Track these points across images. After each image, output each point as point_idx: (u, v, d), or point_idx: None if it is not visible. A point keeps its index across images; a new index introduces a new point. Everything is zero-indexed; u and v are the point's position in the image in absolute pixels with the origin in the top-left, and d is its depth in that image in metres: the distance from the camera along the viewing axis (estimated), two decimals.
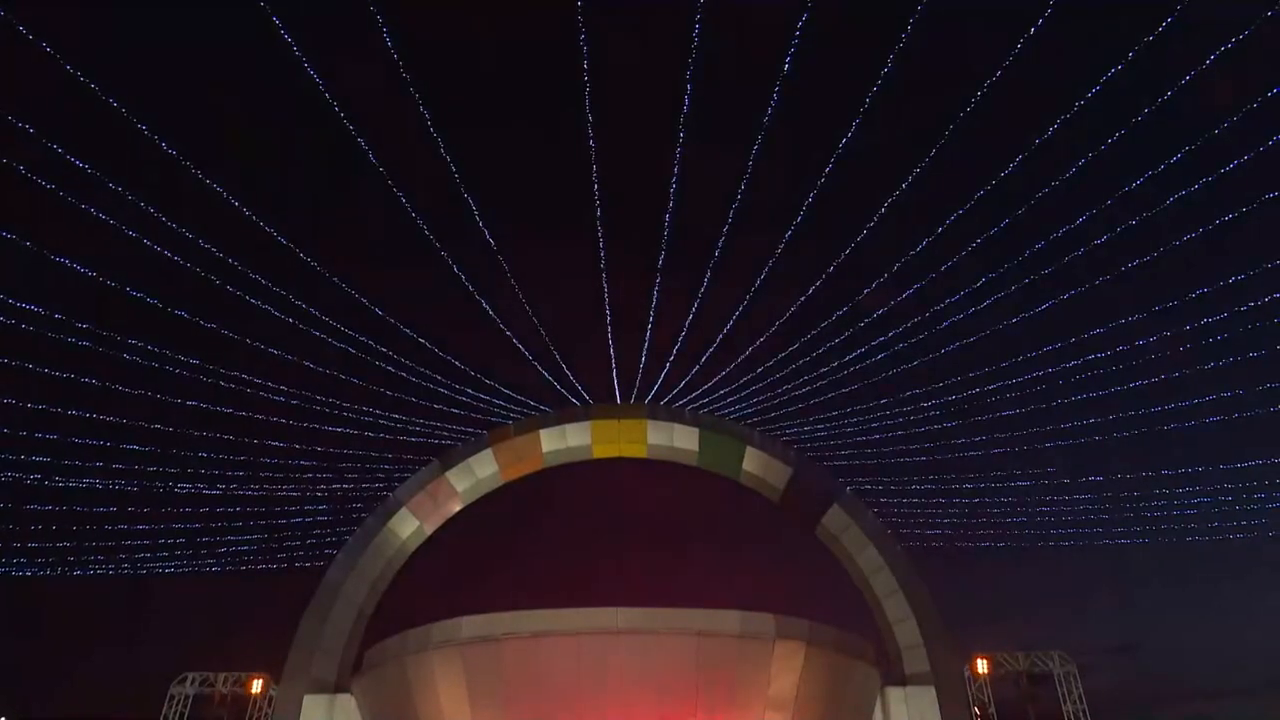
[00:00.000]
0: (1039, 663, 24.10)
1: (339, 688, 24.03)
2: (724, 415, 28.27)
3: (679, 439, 27.87)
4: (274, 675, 23.90)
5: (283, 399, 25.82)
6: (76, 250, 19.89)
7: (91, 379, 23.36)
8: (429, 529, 27.52)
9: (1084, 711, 23.30)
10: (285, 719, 23.33)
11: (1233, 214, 20.54)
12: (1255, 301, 21.89)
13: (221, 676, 23.60)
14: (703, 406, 28.17)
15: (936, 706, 23.52)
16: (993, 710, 23.40)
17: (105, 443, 25.08)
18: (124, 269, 20.82)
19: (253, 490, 27.63)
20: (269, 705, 23.46)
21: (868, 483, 28.58)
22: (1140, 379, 24.76)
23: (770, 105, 19.93)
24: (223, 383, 25.16)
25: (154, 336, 23.06)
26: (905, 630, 24.94)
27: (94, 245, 20.26)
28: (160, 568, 28.27)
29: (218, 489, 27.33)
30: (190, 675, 23.66)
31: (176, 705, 23.14)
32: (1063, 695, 23.62)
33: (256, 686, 23.40)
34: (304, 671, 24.04)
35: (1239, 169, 19.04)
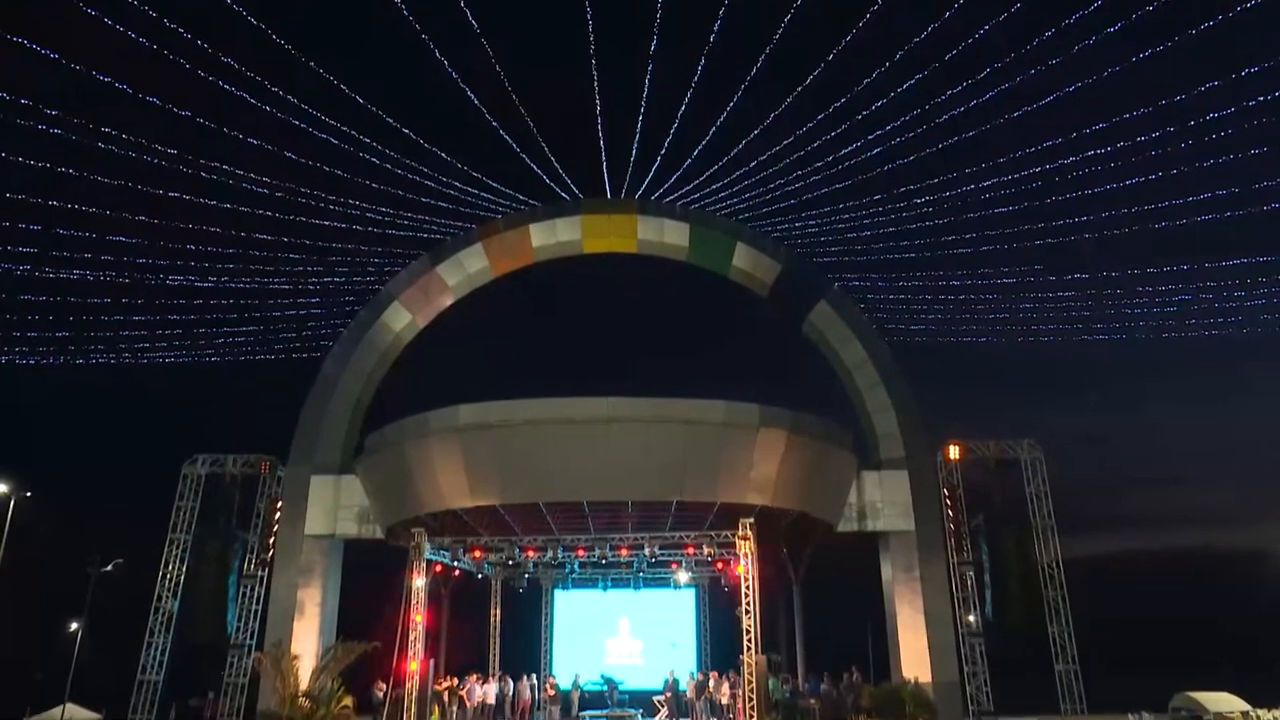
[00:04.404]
0: (1008, 450, 25.41)
1: (343, 470, 25.28)
2: (715, 211, 28.02)
3: (669, 234, 27.79)
4: (281, 457, 25.02)
5: (266, 191, 25.39)
6: (44, 35, 18.88)
7: (68, 168, 22.85)
8: (421, 322, 27.91)
9: (1047, 494, 24.86)
10: (294, 498, 24.72)
11: (1240, 7, 19.62)
12: (1263, 97, 21.31)
13: (231, 459, 24.69)
14: (693, 202, 27.86)
15: (908, 488, 25.01)
16: (961, 493, 24.88)
17: (90, 234, 24.88)
18: (90, 51, 19.85)
19: (244, 283, 27.71)
20: (278, 485, 24.72)
21: (855, 279, 28.82)
22: (1136, 176, 24.50)
23: None
24: (204, 174, 24.65)
25: (128, 125, 22.35)
26: (884, 420, 26.04)
27: (60, 29, 19.21)
28: (160, 358, 28.81)
29: (209, 281, 27.41)
30: (200, 457, 24.74)
31: (190, 484, 24.33)
32: (1027, 479, 25.10)
33: (265, 468, 24.53)
34: (308, 456, 25.20)
35: None
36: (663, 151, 26.02)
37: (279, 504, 24.54)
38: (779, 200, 27.22)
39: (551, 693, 25.93)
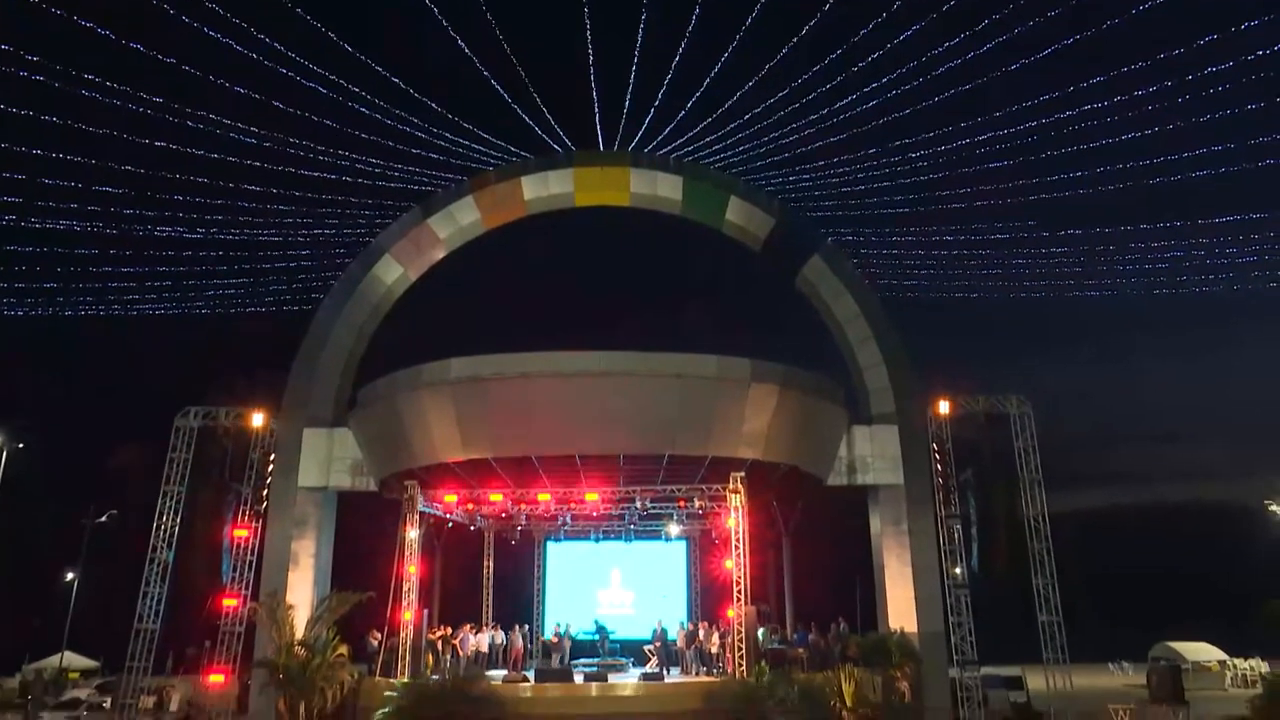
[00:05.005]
0: (998, 404, 25.52)
1: (336, 422, 25.32)
2: (709, 164, 27.77)
3: (662, 188, 27.58)
4: (274, 410, 25.02)
5: (255, 141, 25.07)
6: None
7: (52, 116, 22.51)
8: (413, 275, 27.75)
9: (1035, 449, 25.03)
10: (287, 450, 24.79)
11: None
12: (1262, 51, 21.08)
13: (223, 411, 24.68)
14: (687, 155, 27.60)
15: (898, 442, 25.20)
16: (950, 447, 25.03)
17: (75, 184, 24.60)
18: None
19: (233, 234, 27.49)
20: (271, 438, 24.75)
21: (849, 234, 28.70)
22: (1133, 131, 24.32)
23: None
24: (190, 123, 24.31)
25: (114, 73, 21.97)
26: (875, 375, 26.14)
27: None
28: (150, 309, 28.67)
29: (198, 233, 27.18)
30: (192, 409, 24.69)
31: (183, 437, 24.34)
32: (1016, 434, 25.25)
33: (258, 420, 24.55)
34: (301, 409, 25.22)
35: None
36: (656, 104, 25.74)
37: (272, 456, 24.60)
38: (773, 154, 27.00)
39: (555, 639, 26.29)
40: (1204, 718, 22.85)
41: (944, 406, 25.08)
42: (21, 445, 32.01)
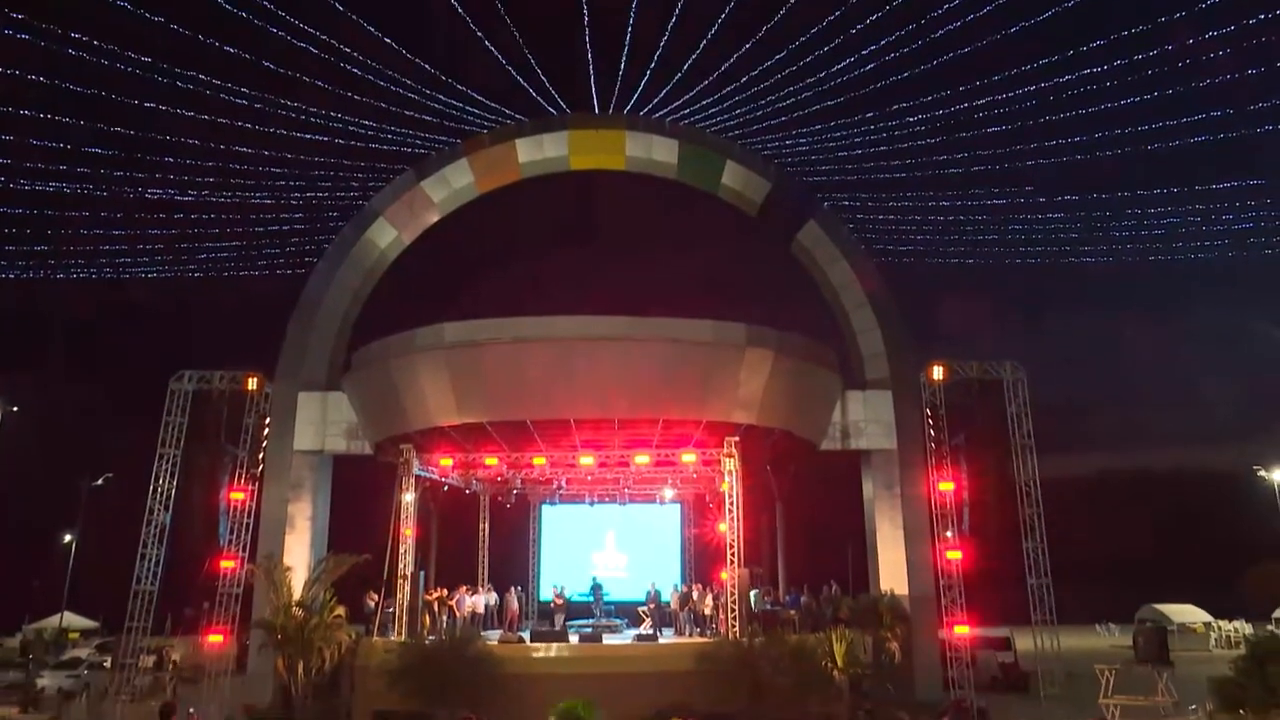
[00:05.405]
0: (991, 370, 25.63)
1: (331, 386, 25.34)
2: (705, 128, 27.57)
3: (658, 151, 27.37)
4: (268, 374, 25.02)
5: (246, 103, 24.80)
6: None
7: (38, 76, 22.23)
8: (407, 239, 27.63)
9: (1027, 415, 25.20)
10: (282, 414, 24.83)
11: None
12: (1262, 15, 20.91)
13: (218, 375, 24.66)
14: (683, 119, 27.38)
15: (892, 407, 25.32)
16: (943, 412, 25.17)
17: (64, 145, 24.36)
18: None
19: (226, 197, 27.31)
20: (265, 402, 24.78)
21: (845, 199, 28.62)
22: (1132, 96, 24.18)
23: None
24: (180, 83, 24.03)
25: (104, 32, 21.65)
26: (869, 340, 26.19)
27: None
28: (142, 272, 28.56)
29: (189, 195, 26.99)
30: (187, 373, 24.68)
31: (177, 400, 24.35)
32: (1009, 400, 25.40)
33: (252, 384, 24.54)
34: (295, 373, 25.22)
35: None
36: (652, 66, 25.49)
37: (267, 420, 24.65)
38: (770, 117, 26.82)
39: (560, 601, 26.52)
40: (1188, 678, 23.25)
41: (938, 372, 25.18)
42: (16, 409, 32.03)
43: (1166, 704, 21.18)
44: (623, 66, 25.52)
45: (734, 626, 21.35)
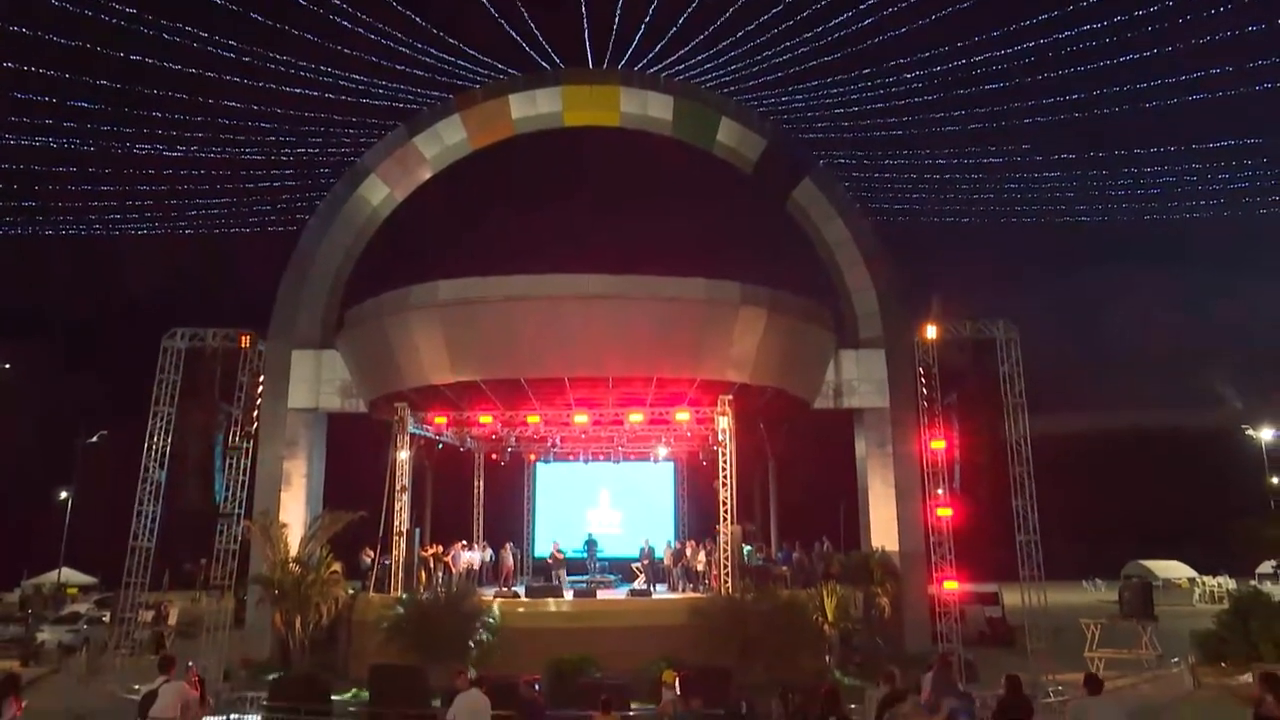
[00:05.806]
0: (984, 329, 25.63)
1: (324, 344, 25.30)
2: (700, 84, 27.23)
3: (653, 107, 27.06)
4: (261, 331, 24.95)
5: (235, 56, 24.41)
6: None
7: (21, 28, 21.83)
8: (400, 195, 27.39)
9: (1019, 374, 25.25)
10: (276, 372, 24.82)
11: None
12: None
13: (211, 332, 24.57)
14: (678, 75, 27.04)
15: (885, 366, 25.40)
16: (935, 370, 25.22)
17: (48, 98, 24.00)
18: None
19: (215, 153, 26.99)
20: (259, 359, 24.73)
21: (841, 156, 28.41)
22: (1131, 52, 23.95)
23: None
24: (166, 35, 23.63)
25: None
26: (863, 299, 26.16)
27: None
28: (132, 229, 28.32)
29: (178, 150, 26.67)
30: (180, 330, 24.57)
31: (170, 358, 24.29)
32: (1001, 359, 25.43)
33: (246, 342, 24.47)
34: (288, 331, 25.16)
35: None
36: (647, 20, 25.11)
37: (261, 378, 24.63)
38: (765, 73, 26.51)
39: (559, 556, 26.69)
40: (1171, 632, 23.68)
41: (931, 331, 25.16)
42: (8, 365, 31.95)
43: (1150, 657, 21.61)
44: (617, 21, 25.17)
45: (727, 582, 21.63)
